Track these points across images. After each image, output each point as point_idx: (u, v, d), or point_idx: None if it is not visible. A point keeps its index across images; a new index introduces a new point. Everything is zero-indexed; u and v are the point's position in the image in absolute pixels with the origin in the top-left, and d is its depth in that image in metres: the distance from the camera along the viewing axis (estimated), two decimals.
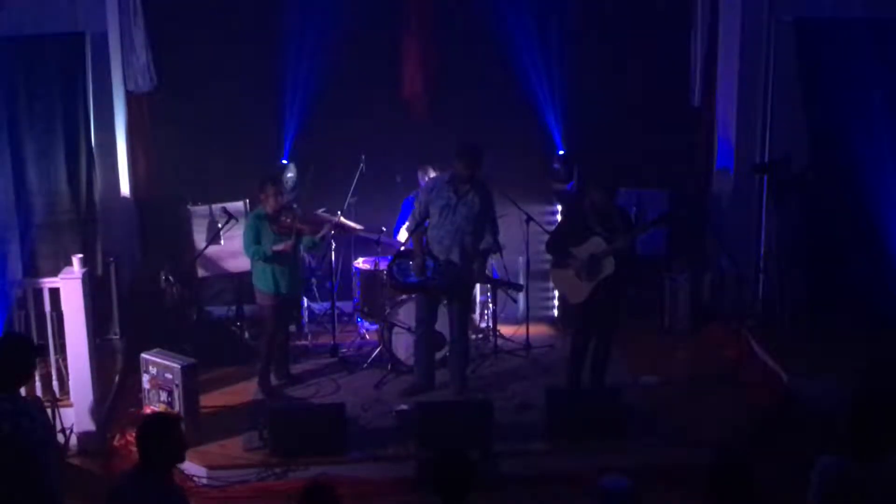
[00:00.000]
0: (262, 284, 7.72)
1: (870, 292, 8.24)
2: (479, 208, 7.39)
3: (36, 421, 4.72)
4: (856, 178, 8.23)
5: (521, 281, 9.08)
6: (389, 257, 8.02)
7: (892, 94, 8.27)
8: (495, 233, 7.55)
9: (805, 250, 8.74)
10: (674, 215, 8.57)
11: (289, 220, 7.60)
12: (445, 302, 7.69)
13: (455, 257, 7.42)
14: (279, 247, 7.54)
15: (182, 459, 4.58)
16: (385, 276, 8.00)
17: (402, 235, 8.24)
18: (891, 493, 4.12)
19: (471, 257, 7.45)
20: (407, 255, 7.60)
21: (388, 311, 8.31)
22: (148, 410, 7.00)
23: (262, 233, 7.60)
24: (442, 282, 7.43)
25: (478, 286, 8.90)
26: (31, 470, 4.53)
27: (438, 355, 7.98)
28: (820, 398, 6.98)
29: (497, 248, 7.65)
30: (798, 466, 4.43)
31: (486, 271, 8.31)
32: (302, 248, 7.88)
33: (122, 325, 8.64)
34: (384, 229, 8.65)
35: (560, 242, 7.38)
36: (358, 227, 8.58)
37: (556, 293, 9.41)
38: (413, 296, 7.86)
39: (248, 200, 8.67)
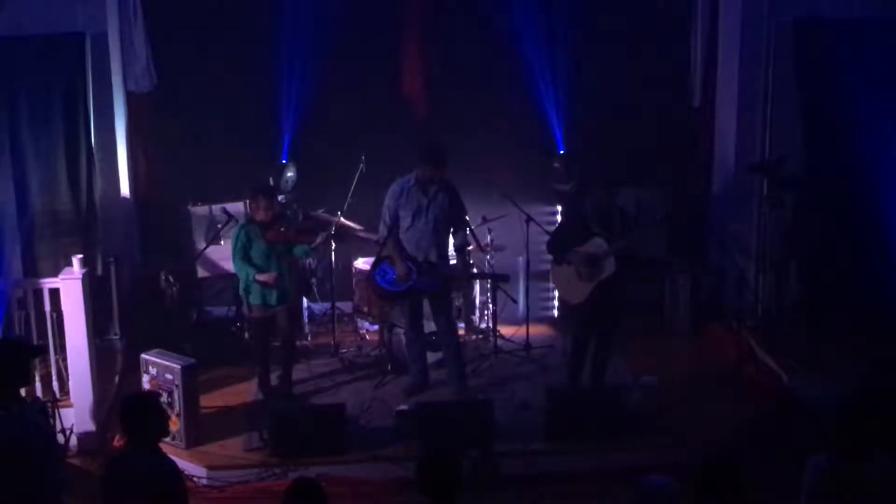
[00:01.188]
0: (251, 297, 7.61)
1: (869, 292, 8.25)
2: (449, 206, 7.42)
3: (32, 425, 4.68)
4: (854, 177, 8.23)
5: (521, 281, 9.08)
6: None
7: (891, 93, 8.27)
8: (466, 226, 7.60)
9: (804, 250, 8.74)
10: (671, 216, 8.56)
11: (282, 230, 7.56)
12: (429, 305, 7.65)
13: (433, 257, 7.44)
14: (262, 277, 7.43)
15: (167, 432, 4.77)
16: (371, 285, 7.84)
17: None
18: (879, 491, 4.13)
19: (448, 256, 7.48)
20: (386, 260, 7.53)
21: (387, 311, 8.30)
22: None
23: (252, 242, 7.49)
24: (428, 283, 7.43)
25: (477, 287, 8.90)
26: (28, 475, 4.49)
27: (437, 356, 7.99)
28: (819, 398, 6.97)
29: (468, 242, 7.64)
30: (797, 466, 4.44)
31: (472, 268, 8.30)
32: (295, 255, 7.81)
33: (122, 325, 8.63)
34: None
35: (560, 243, 7.38)
36: (358, 227, 8.58)
37: (556, 293, 9.41)
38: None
39: (247, 201, 8.65)
